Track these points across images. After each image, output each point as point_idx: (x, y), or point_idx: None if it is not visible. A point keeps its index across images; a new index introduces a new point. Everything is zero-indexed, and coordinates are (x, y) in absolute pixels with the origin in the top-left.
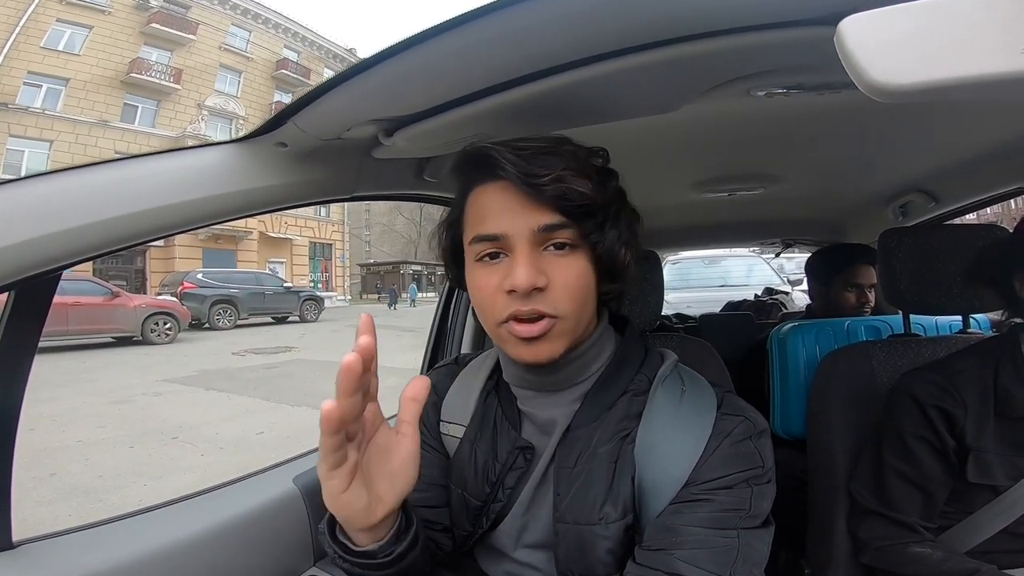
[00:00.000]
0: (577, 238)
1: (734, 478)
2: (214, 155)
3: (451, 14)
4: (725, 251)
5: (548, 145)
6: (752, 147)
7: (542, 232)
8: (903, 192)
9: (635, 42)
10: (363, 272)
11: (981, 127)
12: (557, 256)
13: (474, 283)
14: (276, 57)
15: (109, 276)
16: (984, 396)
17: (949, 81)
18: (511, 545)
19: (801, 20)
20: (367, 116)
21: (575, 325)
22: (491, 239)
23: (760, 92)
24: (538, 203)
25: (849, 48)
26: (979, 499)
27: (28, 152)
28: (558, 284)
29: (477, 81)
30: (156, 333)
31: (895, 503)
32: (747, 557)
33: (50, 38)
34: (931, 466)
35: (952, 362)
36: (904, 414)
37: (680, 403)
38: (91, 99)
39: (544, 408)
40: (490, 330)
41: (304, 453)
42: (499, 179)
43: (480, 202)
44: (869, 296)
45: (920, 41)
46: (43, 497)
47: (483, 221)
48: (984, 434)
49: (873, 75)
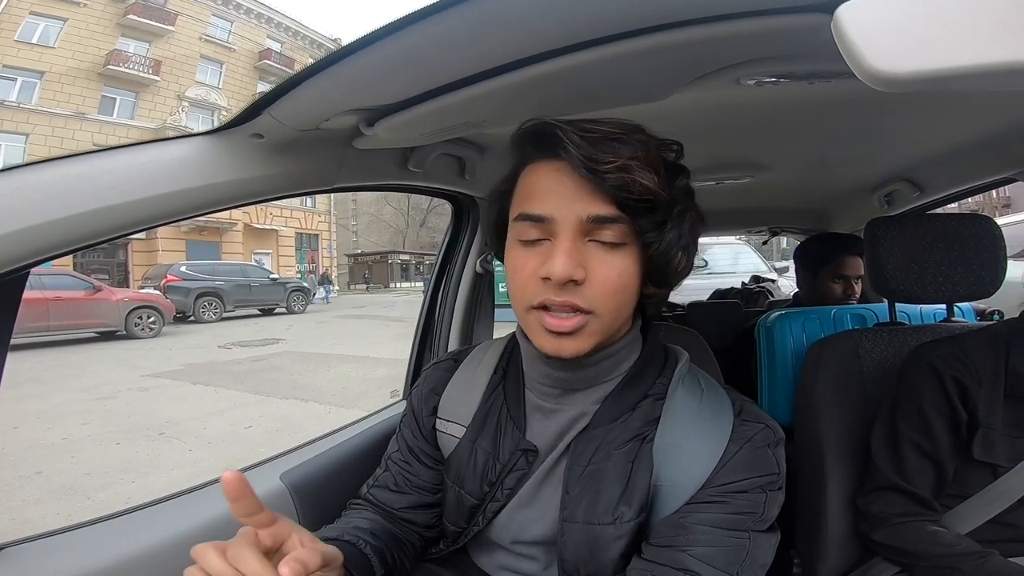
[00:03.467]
0: (629, 235)
1: (751, 483)
2: (188, 147)
3: (425, 2)
4: (711, 239)
5: (618, 131)
6: (740, 136)
7: (590, 223)
8: (888, 181)
9: (626, 28)
10: (351, 262)
11: (966, 117)
12: (602, 250)
13: (511, 263)
14: (259, 47)
15: (91, 270)
16: (996, 375)
17: (950, 70)
18: (507, 540)
19: (794, 7)
20: (347, 106)
21: (609, 325)
22: (536, 219)
23: (750, 81)
24: (595, 191)
25: (847, 35)
26: (977, 480)
27: (5, 146)
28: (597, 280)
29: (461, 69)
30: (140, 327)
31: (911, 477)
32: (755, 559)
33: (24, 31)
34: (944, 439)
35: (966, 338)
36: (923, 383)
37: (700, 404)
38: (67, 91)
39: (565, 406)
40: (519, 314)
41: (291, 449)
42: (557, 159)
43: (532, 179)
44: (856, 287)
45: (920, 29)
46: (30, 496)
47: (531, 199)
48: (994, 412)
49: (873, 63)
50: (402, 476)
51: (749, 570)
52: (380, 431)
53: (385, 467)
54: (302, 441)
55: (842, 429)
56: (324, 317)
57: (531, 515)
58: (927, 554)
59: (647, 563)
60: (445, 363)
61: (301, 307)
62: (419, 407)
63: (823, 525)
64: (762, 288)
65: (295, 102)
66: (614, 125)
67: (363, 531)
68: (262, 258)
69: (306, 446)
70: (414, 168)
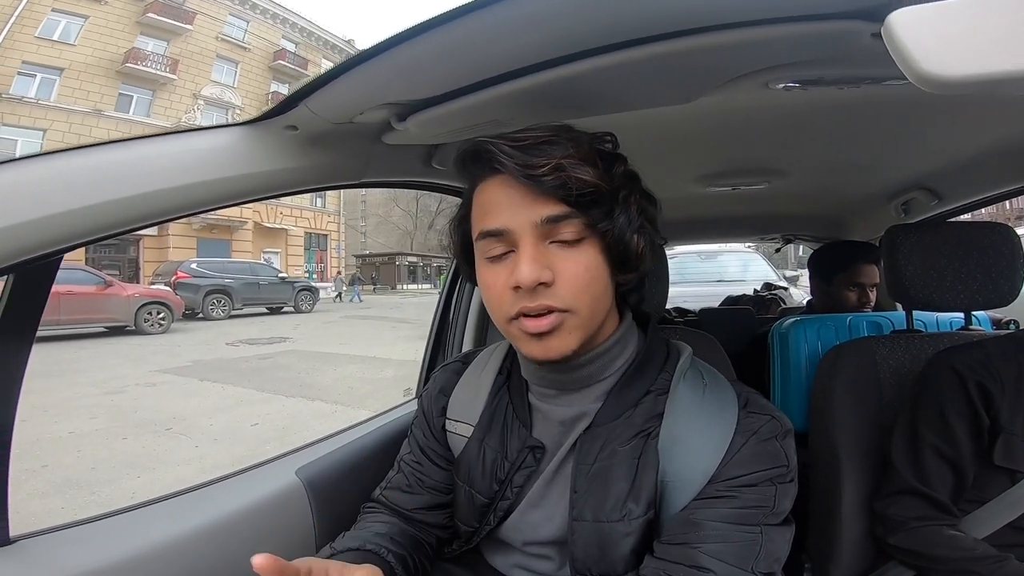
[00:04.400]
0: (585, 229)
1: (759, 476)
2: (222, 137)
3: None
4: (721, 246)
5: (548, 134)
6: (759, 142)
7: (546, 224)
8: (906, 189)
9: (658, 31)
10: (359, 263)
11: (987, 125)
12: (564, 249)
13: (483, 281)
14: (274, 47)
15: (102, 265)
16: (1019, 381)
17: (1000, 74)
18: (519, 541)
19: (838, 13)
20: (381, 100)
21: (588, 319)
22: (496, 234)
23: (779, 85)
24: (539, 195)
25: (901, 40)
26: (994, 487)
27: (21, 141)
28: (565, 277)
29: (493, 67)
30: (149, 323)
31: (930, 481)
32: (769, 553)
33: (45, 27)
34: (965, 444)
35: (990, 344)
36: (945, 387)
37: (703, 398)
38: (85, 88)
39: (565, 405)
40: (502, 328)
41: (306, 444)
42: (499, 173)
43: (484, 198)
44: (871, 295)
45: (973, 34)
46: (35, 489)
47: (487, 216)
48: (1016, 418)
49: (926, 67)
50: (415, 477)
51: (764, 564)
52: (394, 428)
53: (398, 469)
54: (308, 439)
55: (858, 435)
56: (331, 317)
57: (541, 516)
58: (944, 558)
59: (660, 561)
60: (454, 365)
61: (308, 306)
62: (429, 408)
63: (836, 529)
64: (774, 295)
65: (332, 94)
66: (543, 129)
67: (383, 537)
68: (271, 257)
69: (321, 442)
70: (438, 165)
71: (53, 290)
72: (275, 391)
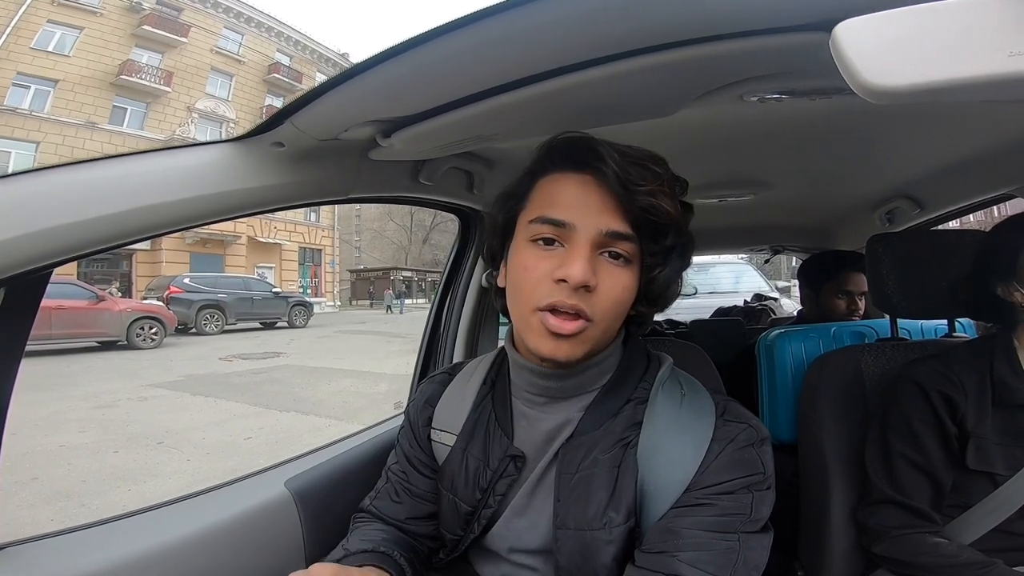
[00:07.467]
0: (636, 254)
1: (736, 483)
2: (210, 153)
3: (442, 19)
4: (714, 258)
5: (649, 158)
6: (743, 153)
7: (607, 236)
8: (889, 198)
9: (635, 46)
10: (353, 278)
11: (965, 134)
12: (611, 264)
13: (521, 262)
14: (268, 61)
15: (94, 280)
16: (982, 386)
17: (941, 83)
18: (505, 548)
19: (795, 26)
20: (366, 116)
21: (603, 334)
22: (557, 224)
23: (753, 97)
24: (617, 208)
25: (844, 52)
26: (977, 490)
27: (15, 153)
28: (603, 290)
29: (476, 83)
30: (142, 338)
31: (906, 490)
32: (747, 560)
33: (40, 39)
34: (936, 452)
35: (950, 354)
36: (909, 400)
37: (680, 407)
38: (79, 101)
39: (550, 413)
40: (522, 315)
41: (296, 456)
42: (583, 172)
43: (555, 187)
44: (859, 303)
45: (913, 44)
46: (24, 501)
47: (554, 206)
48: (983, 422)
49: (867, 77)
50: (401, 486)
51: (742, 571)
52: (383, 440)
53: (386, 479)
54: (304, 451)
55: (845, 443)
56: (326, 332)
57: (526, 524)
58: (930, 565)
59: (640, 570)
60: (440, 376)
61: (303, 321)
62: (415, 418)
63: (827, 538)
64: (764, 306)
65: (317, 112)
66: (645, 152)
67: (389, 542)
68: (265, 272)
69: (311, 454)
70: (425, 181)
71: (44, 304)
72: (269, 405)
